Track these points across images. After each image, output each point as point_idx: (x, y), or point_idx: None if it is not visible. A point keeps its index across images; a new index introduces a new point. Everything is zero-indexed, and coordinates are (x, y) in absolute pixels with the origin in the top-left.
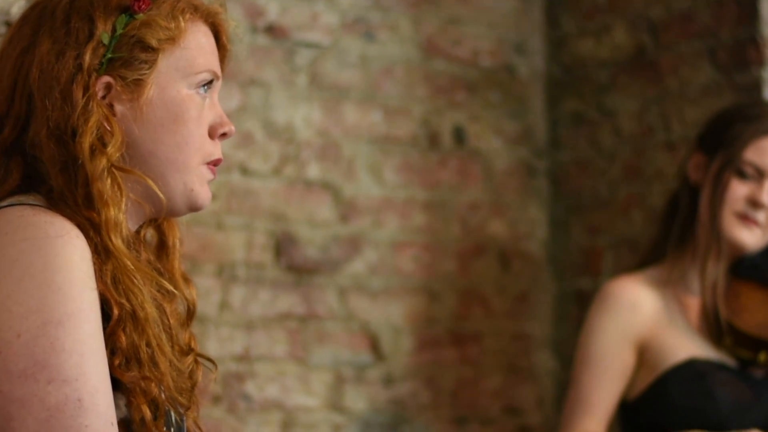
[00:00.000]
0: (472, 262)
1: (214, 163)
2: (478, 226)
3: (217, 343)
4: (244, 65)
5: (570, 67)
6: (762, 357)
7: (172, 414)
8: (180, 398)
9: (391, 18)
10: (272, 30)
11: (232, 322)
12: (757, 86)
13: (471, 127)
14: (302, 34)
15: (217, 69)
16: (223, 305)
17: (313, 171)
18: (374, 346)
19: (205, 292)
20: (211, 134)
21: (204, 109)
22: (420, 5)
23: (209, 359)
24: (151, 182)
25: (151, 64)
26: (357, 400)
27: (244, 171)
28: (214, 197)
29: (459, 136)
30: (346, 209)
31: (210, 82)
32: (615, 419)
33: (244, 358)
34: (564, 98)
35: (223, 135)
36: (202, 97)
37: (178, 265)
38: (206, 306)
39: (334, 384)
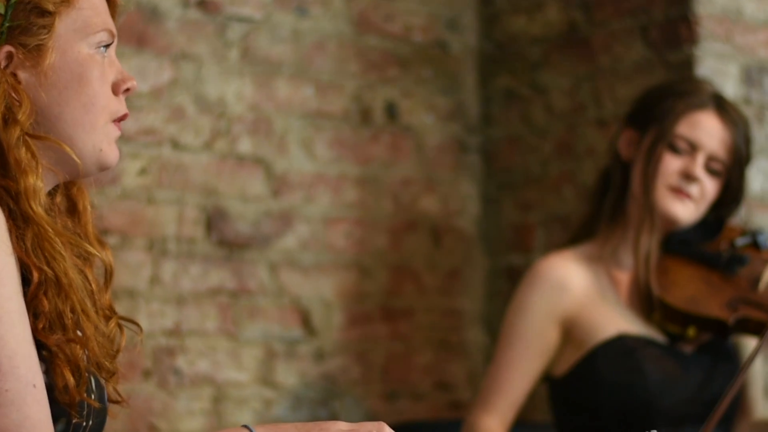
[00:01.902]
0: (404, 237)
1: (120, 119)
2: (409, 202)
3: (148, 317)
4: (175, 39)
5: (502, 43)
6: (690, 332)
7: (93, 380)
8: (106, 364)
9: None
10: (204, 4)
11: (162, 296)
12: (688, 64)
13: (403, 103)
14: (234, 9)
15: (113, 27)
16: (154, 280)
17: (245, 146)
18: (305, 321)
19: (135, 266)
20: (115, 91)
21: (105, 68)
22: None
23: (133, 322)
24: (67, 147)
25: (49, 28)
26: (288, 375)
27: (175, 145)
28: (145, 172)
29: (391, 111)
30: (278, 184)
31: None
32: (544, 396)
33: (175, 332)
34: (496, 75)
35: (127, 90)
36: (102, 56)
37: (92, 229)
38: (137, 280)
39: (265, 359)
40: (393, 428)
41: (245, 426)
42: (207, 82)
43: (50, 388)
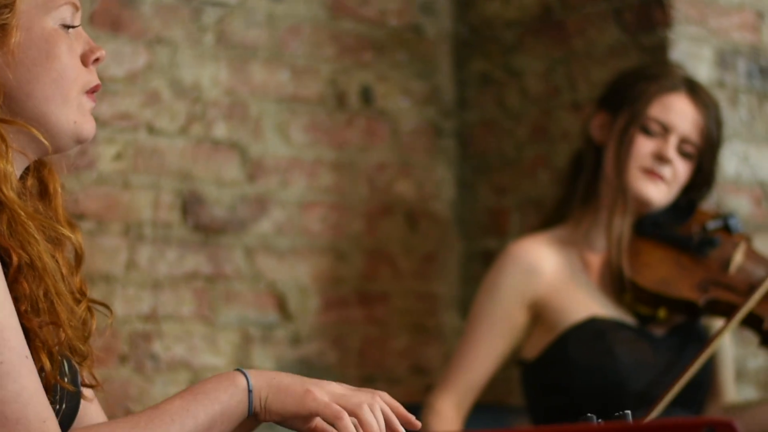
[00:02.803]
0: (379, 222)
1: (93, 90)
2: (385, 186)
3: (124, 302)
4: (150, 24)
5: (477, 27)
6: (661, 313)
7: (66, 364)
8: (80, 347)
9: None
10: None
11: (138, 281)
12: (662, 47)
13: (378, 87)
14: None
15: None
16: (130, 265)
17: (220, 130)
18: (281, 305)
19: (111, 251)
20: (84, 62)
21: (72, 40)
22: None
23: (103, 304)
24: (35, 131)
25: (11, 7)
26: (264, 359)
27: (151, 130)
28: (120, 157)
29: (366, 96)
30: (254, 169)
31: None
32: (516, 380)
33: (151, 317)
34: (471, 59)
35: (96, 60)
36: (67, 29)
37: (63, 210)
38: (113, 265)
39: (241, 344)
40: None
41: (239, 369)
42: (182, 67)
43: None
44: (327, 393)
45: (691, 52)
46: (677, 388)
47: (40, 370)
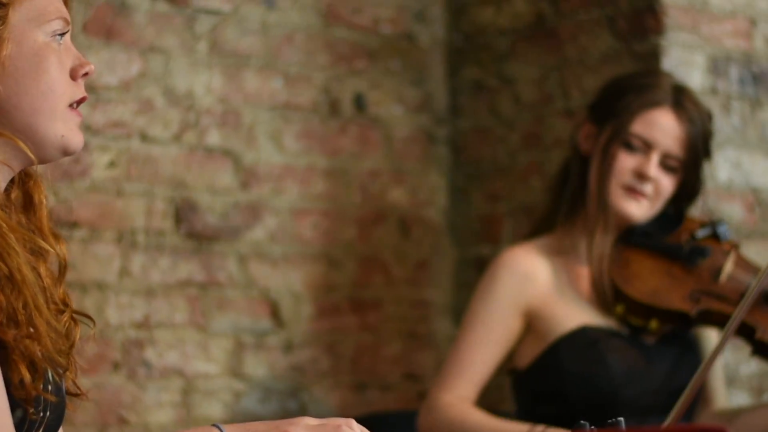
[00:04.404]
0: (373, 229)
1: (79, 103)
2: (378, 193)
3: (117, 310)
4: (144, 32)
5: (470, 35)
6: (653, 324)
7: (50, 375)
8: (59, 359)
9: None
10: None
11: (131, 289)
12: (655, 54)
13: (371, 95)
14: (202, 1)
15: (67, 14)
16: (123, 272)
17: (214, 138)
18: (274, 313)
19: (104, 259)
20: (73, 76)
21: (62, 54)
22: None
23: (86, 315)
24: (21, 143)
25: (4, 19)
26: (257, 366)
27: (144, 138)
28: (113, 165)
29: (359, 103)
30: (247, 176)
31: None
32: (508, 388)
33: (144, 325)
34: (464, 66)
35: (85, 75)
36: (58, 43)
37: (47, 222)
38: (106, 273)
39: (234, 351)
40: (362, 419)
41: (215, 425)
42: (176, 75)
43: (6, 384)
44: (303, 428)
45: (684, 59)
46: (684, 406)
47: (20, 382)
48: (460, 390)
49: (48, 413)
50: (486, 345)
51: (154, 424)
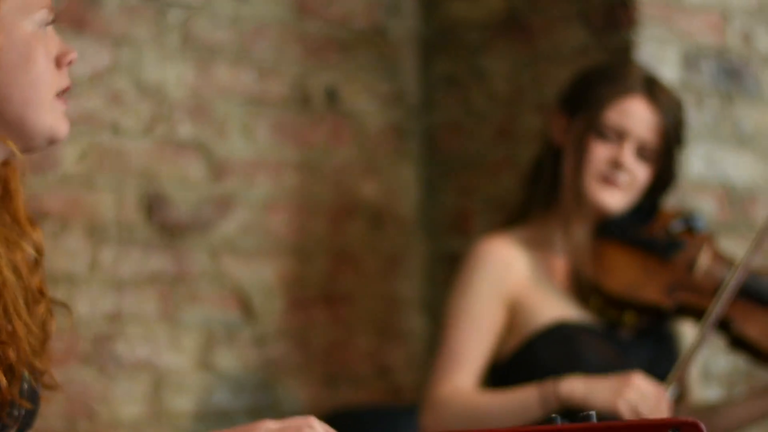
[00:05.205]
0: (344, 223)
1: (63, 92)
2: (350, 187)
3: (87, 303)
4: (115, 23)
5: (443, 28)
6: (628, 317)
7: (26, 376)
8: (36, 363)
9: None
10: None
11: (102, 282)
12: (628, 49)
13: (343, 88)
14: None
15: (51, 3)
16: (93, 265)
17: (185, 131)
18: (245, 306)
19: (74, 251)
20: (58, 64)
21: (48, 43)
22: None
23: (63, 304)
24: (10, 143)
25: None
26: (228, 360)
27: (115, 130)
28: (84, 156)
29: (331, 97)
30: (218, 169)
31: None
32: (484, 383)
33: (115, 318)
34: (436, 60)
35: (69, 63)
36: (44, 32)
37: (23, 209)
38: (76, 266)
39: (205, 344)
40: (333, 413)
41: None
42: (147, 67)
43: None
44: (265, 431)
45: (657, 53)
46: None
47: None
48: (459, 381)
49: (22, 412)
50: (476, 334)
51: (124, 418)
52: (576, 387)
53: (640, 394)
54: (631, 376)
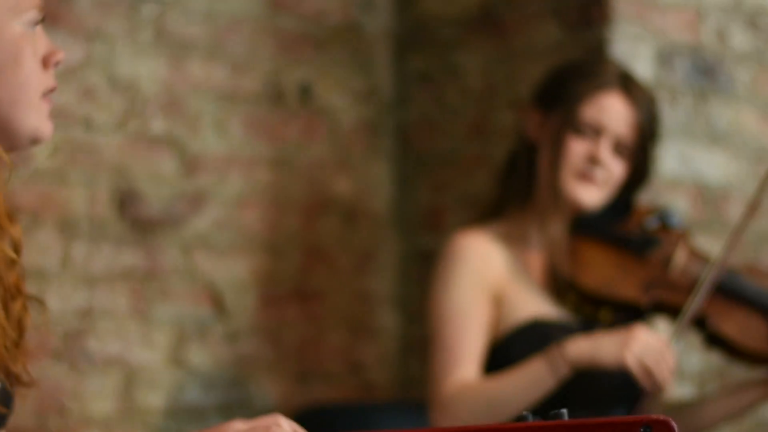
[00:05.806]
0: (317, 219)
1: (50, 92)
2: (323, 183)
3: (59, 298)
4: (88, 17)
5: (416, 24)
6: (604, 314)
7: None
8: (11, 366)
9: None
10: None
11: (73, 277)
12: (602, 46)
13: (317, 84)
14: None
15: (40, 2)
16: (65, 261)
17: (158, 126)
18: (218, 302)
19: (46, 247)
20: (46, 65)
21: (36, 43)
22: None
23: (39, 300)
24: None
25: None
26: (200, 356)
27: (88, 126)
28: (56, 151)
29: (305, 92)
30: (191, 165)
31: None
32: None
33: (86, 314)
34: (410, 56)
35: (57, 63)
36: (33, 32)
37: (1, 202)
38: (47, 261)
39: (177, 340)
40: (305, 410)
41: None
42: (120, 62)
43: None
44: None
45: (631, 50)
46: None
47: None
48: (463, 374)
49: None
50: (468, 326)
51: (95, 414)
52: (582, 347)
53: (646, 345)
54: (634, 329)
